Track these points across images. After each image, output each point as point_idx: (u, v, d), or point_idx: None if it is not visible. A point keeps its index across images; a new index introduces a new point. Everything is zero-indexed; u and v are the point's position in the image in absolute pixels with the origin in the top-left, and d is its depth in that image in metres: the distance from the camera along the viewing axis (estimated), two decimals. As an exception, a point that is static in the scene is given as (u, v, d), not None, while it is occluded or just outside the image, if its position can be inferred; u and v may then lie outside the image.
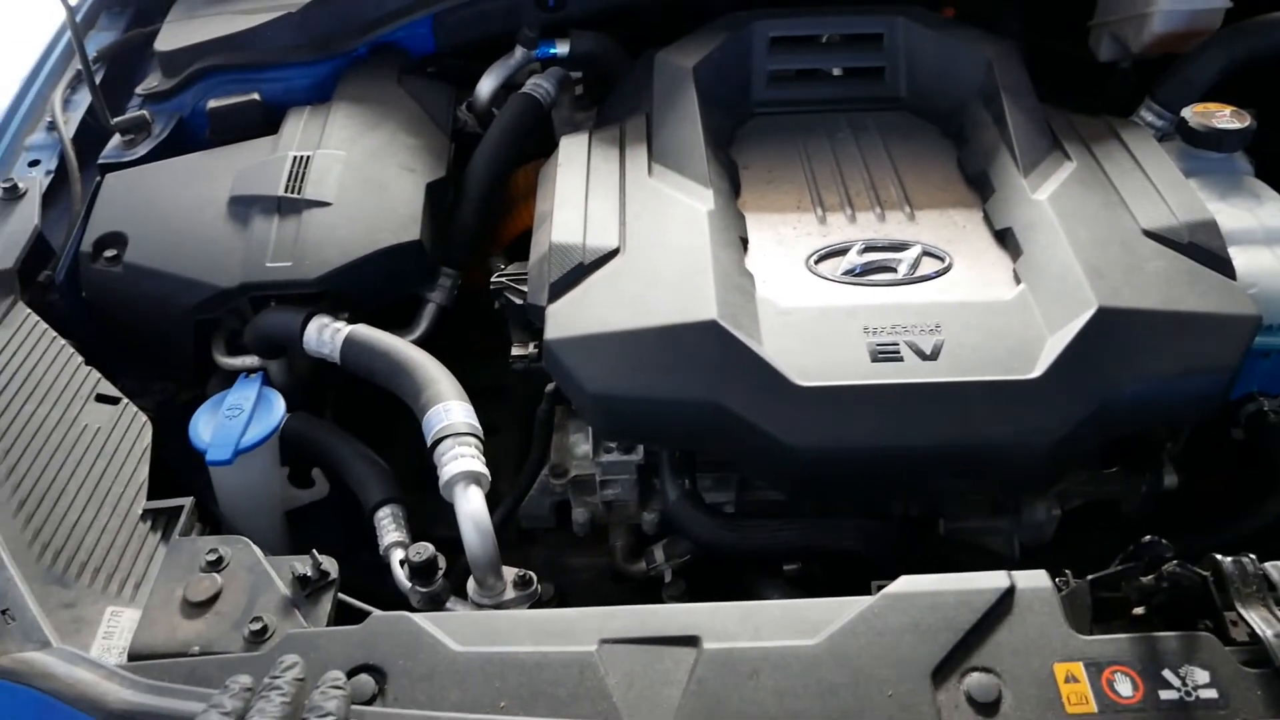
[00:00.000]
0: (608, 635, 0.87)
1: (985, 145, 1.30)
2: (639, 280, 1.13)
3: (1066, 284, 1.09)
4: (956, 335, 1.07)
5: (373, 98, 1.46)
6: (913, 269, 1.17)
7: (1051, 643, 0.84)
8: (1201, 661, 0.82)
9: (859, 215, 1.26)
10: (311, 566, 0.97)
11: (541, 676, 0.84)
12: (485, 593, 1.04)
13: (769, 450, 1.03)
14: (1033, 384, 1.02)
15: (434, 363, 1.17)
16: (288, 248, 1.25)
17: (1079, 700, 0.81)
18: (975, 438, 1.02)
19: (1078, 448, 1.05)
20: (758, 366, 1.04)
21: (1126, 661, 0.83)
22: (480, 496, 1.04)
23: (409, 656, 0.87)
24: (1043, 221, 1.17)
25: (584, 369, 1.07)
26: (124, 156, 1.42)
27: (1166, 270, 1.11)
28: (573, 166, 1.30)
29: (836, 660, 0.84)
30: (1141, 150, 1.28)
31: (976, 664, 0.83)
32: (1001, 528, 1.22)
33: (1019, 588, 0.87)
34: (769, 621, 0.87)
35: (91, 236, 1.29)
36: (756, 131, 1.43)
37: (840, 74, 1.48)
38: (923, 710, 0.80)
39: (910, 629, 0.85)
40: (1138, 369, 1.05)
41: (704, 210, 1.20)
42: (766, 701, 0.82)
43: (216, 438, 1.12)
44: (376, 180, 1.33)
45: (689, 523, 1.10)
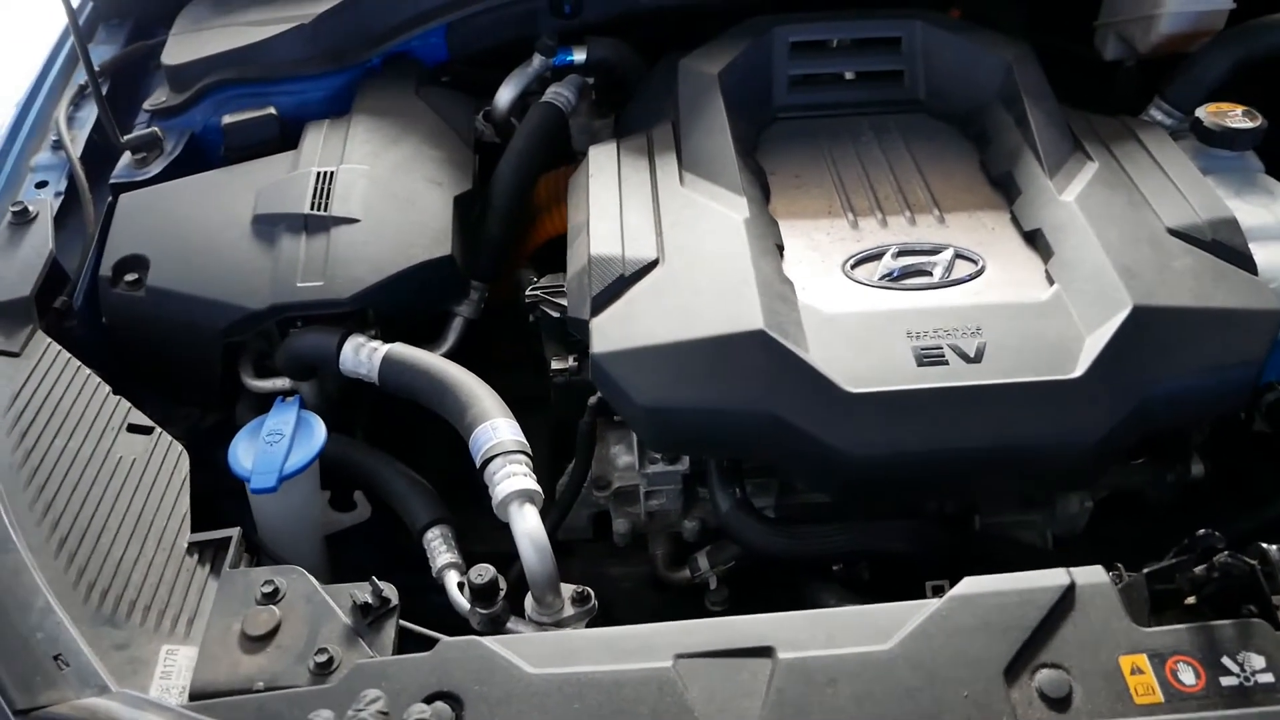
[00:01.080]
0: (682, 650, 0.88)
1: (1009, 147, 1.33)
2: (682, 291, 1.14)
3: (1100, 284, 1.12)
4: (998, 337, 1.09)
5: (392, 110, 1.45)
6: (948, 272, 1.19)
7: (1115, 636, 0.87)
8: (1257, 647, 0.85)
9: (890, 219, 1.27)
10: (372, 594, 0.96)
11: (621, 695, 0.85)
12: (545, 611, 1.04)
13: (822, 456, 1.04)
14: (1075, 383, 1.05)
15: (476, 380, 1.17)
16: (318, 267, 1.23)
17: (1145, 691, 0.83)
18: (1022, 438, 1.04)
19: (1120, 444, 1.08)
20: (808, 374, 1.05)
21: (1187, 651, 0.85)
22: (536, 515, 1.05)
23: (484, 681, 0.87)
24: (1072, 222, 1.19)
25: (633, 382, 1.08)
26: (137, 176, 1.39)
27: (1194, 267, 1.14)
28: (604, 177, 1.30)
29: (911, 664, 0.85)
30: (1160, 149, 1.30)
31: (1045, 660, 0.85)
32: (1035, 521, 1.25)
33: (1079, 584, 0.90)
34: (840, 629, 0.89)
35: (110, 260, 1.27)
36: (780, 137, 1.44)
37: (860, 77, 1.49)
38: (998, 708, 0.82)
39: (980, 629, 0.87)
40: (1173, 365, 1.07)
41: (739, 219, 1.21)
42: (847, 708, 0.83)
43: (259, 465, 1.10)
44: (404, 195, 1.32)
45: (743, 530, 1.12)
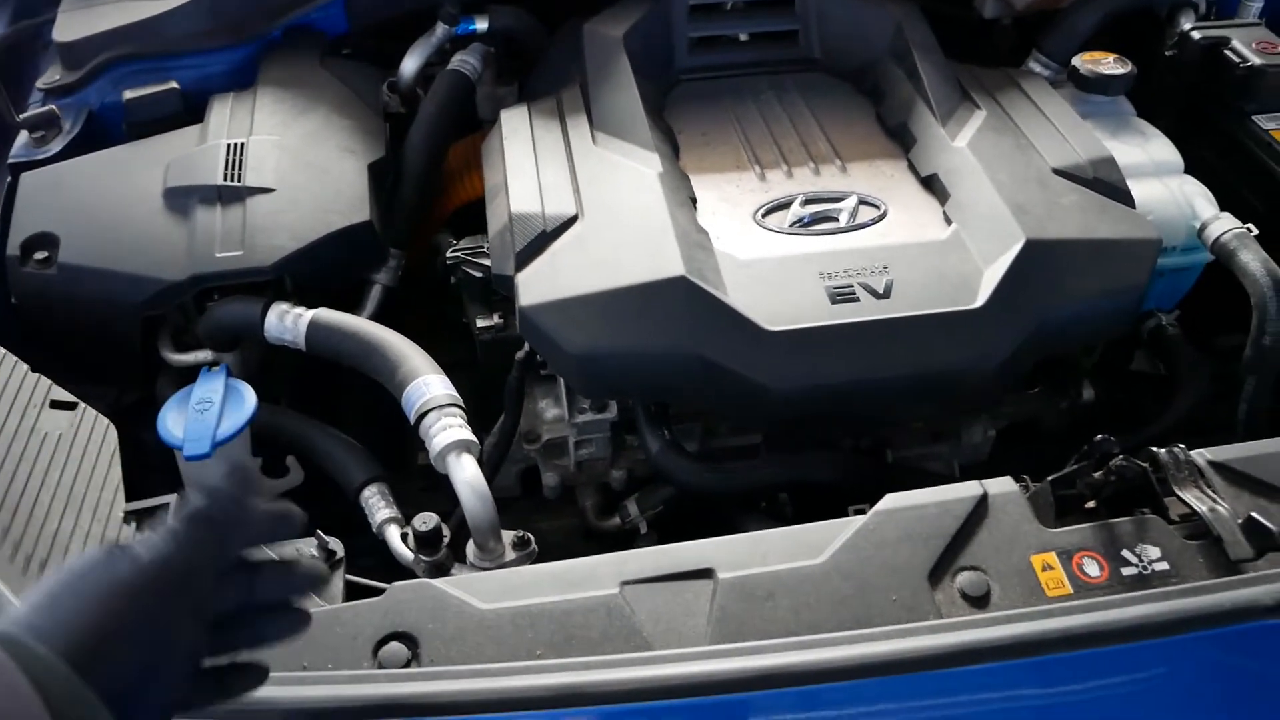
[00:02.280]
0: (627, 577, 0.91)
1: (902, 99, 1.40)
2: (603, 243, 1.17)
3: (995, 221, 1.19)
4: (904, 274, 1.16)
5: (297, 81, 1.44)
6: (853, 217, 1.25)
7: (1026, 538, 0.94)
8: (1153, 540, 0.93)
9: (795, 170, 1.33)
10: (319, 548, 0.98)
11: (571, 622, 0.88)
12: (486, 556, 1.07)
13: (748, 393, 1.09)
14: (977, 313, 1.12)
15: (404, 339, 1.18)
16: (236, 236, 1.22)
17: (1056, 585, 0.91)
18: (932, 365, 1.11)
19: (1019, 368, 1.16)
20: (729, 315, 1.10)
21: (1091, 547, 0.93)
22: (474, 463, 1.07)
23: (437, 620, 0.89)
24: (965, 166, 1.27)
25: (562, 332, 1.11)
26: (36, 154, 1.35)
27: (1079, 203, 1.23)
28: (518, 139, 1.32)
29: (842, 574, 0.91)
30: (1041, 97, 1.39)
31: (965, 564, 0.92)
32: (942, 452, 1.33)
33: (990, 494, 0.97)
34: (774, 548, 0.94)
35: (17, 239, 1.23)
36: (684, 98, 1.48)
37: (756, 38, 1.54)
38: (925, 609, 0.89)
39: (904, 539, 0.93)
40: (1065, 293, 1.16)
41: (653, 173, 1.25)
42: (786, 619, 0.88)
43: (191, 433, 1.10)
44: (318, 164, 1.32)
45: (675, 469, 1.16)
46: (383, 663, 0.87)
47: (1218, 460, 0.99)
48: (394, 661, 0.87)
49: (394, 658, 0.87)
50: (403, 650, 0.87)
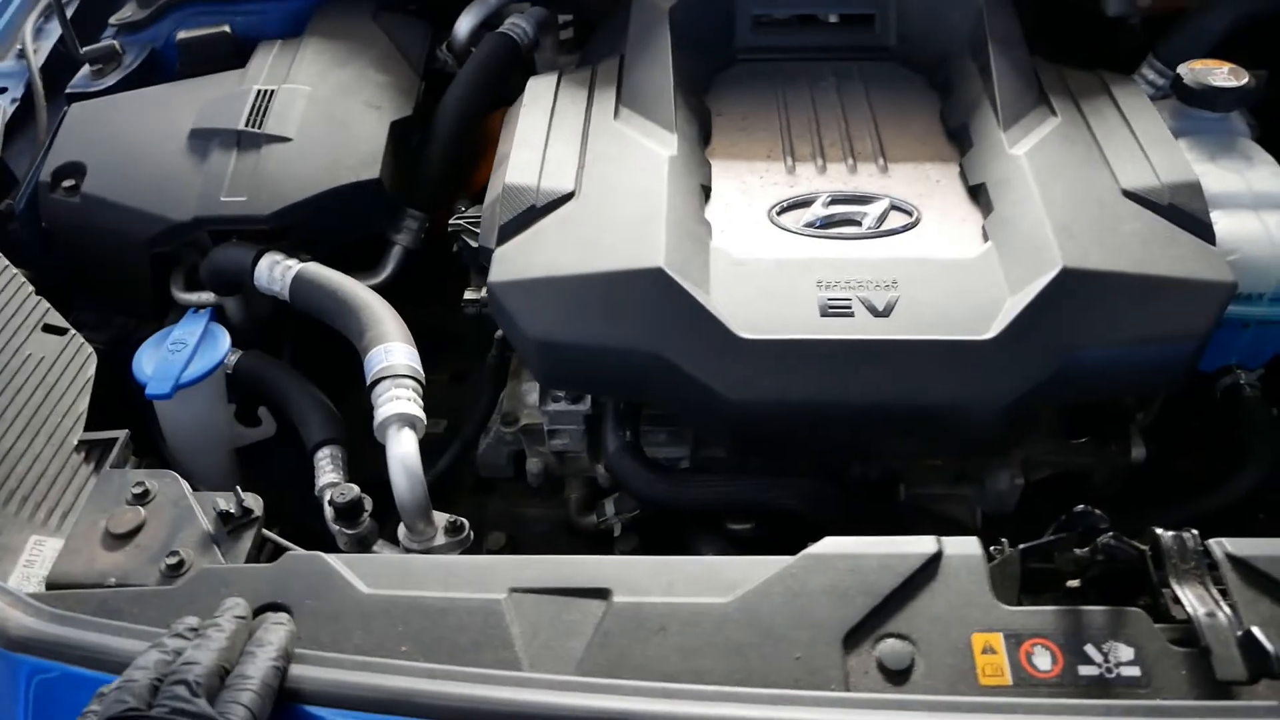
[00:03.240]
0: (518, 584, 0.85)
1: (969, 98, 1.25)
2: (590, 225, 1.10)
3: (1033, 243, 1.04)
4: (913, 292, 1.03)
5: (345, 34, 1.43)
6: (878, 223, 1.12)
7: (973, 612, 0.81)
8: (1127, 638, 0.78)
9: (830, 166, 1.21)
10: (235, 503, 0.96)
11: (445, 622, 0.83)
12: (415, 538, 1.02)
13: (708, 403, 1.00)
14: (986, 345, 0.98)
15: (383, 304, 1.15)
16: (244, 182, 1.23)
17: (994, 672, 0.77)
18: (921, 397, 0.98)
19: (1032, 412, 1.01)
20: (701, 317, 1.00)
21: (1049, 634, 0.79)
22: (413, 440, 1.02)
23: (317, 596, 0.86)
24: (1017, 177, 1.11)
25: (525, 313, 1.04)
26: (92, 87, 1.40)
27: (1141, 232, 1.06)
28: (536, 108, 1.26)
29: (747, 619, 0.81)
30: (1132, 107, 1.21)
31: (892, 630, 0.80)
32: (965, 495, 1.19)
33: (946, 554, 0.84)
34: (684, 578, 0.85)
35: (51, 166, 1.28)
36: (736, 78, 1.38)
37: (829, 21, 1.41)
38: (830, 674, 0.78)
39: (827, 591, 0.82)
40: (1100, 334, 1.00)
41: (665, 155, 1.16)
42: (670, 658, 0.79)
43: (158, 371, 1.11)
44: (340, 117, 1.31)
45: (624, 474, 1.08)
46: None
47: (1240, 554, 0.83)
48: (264, 633, 0.84)
49: (264, 629, 0.84)
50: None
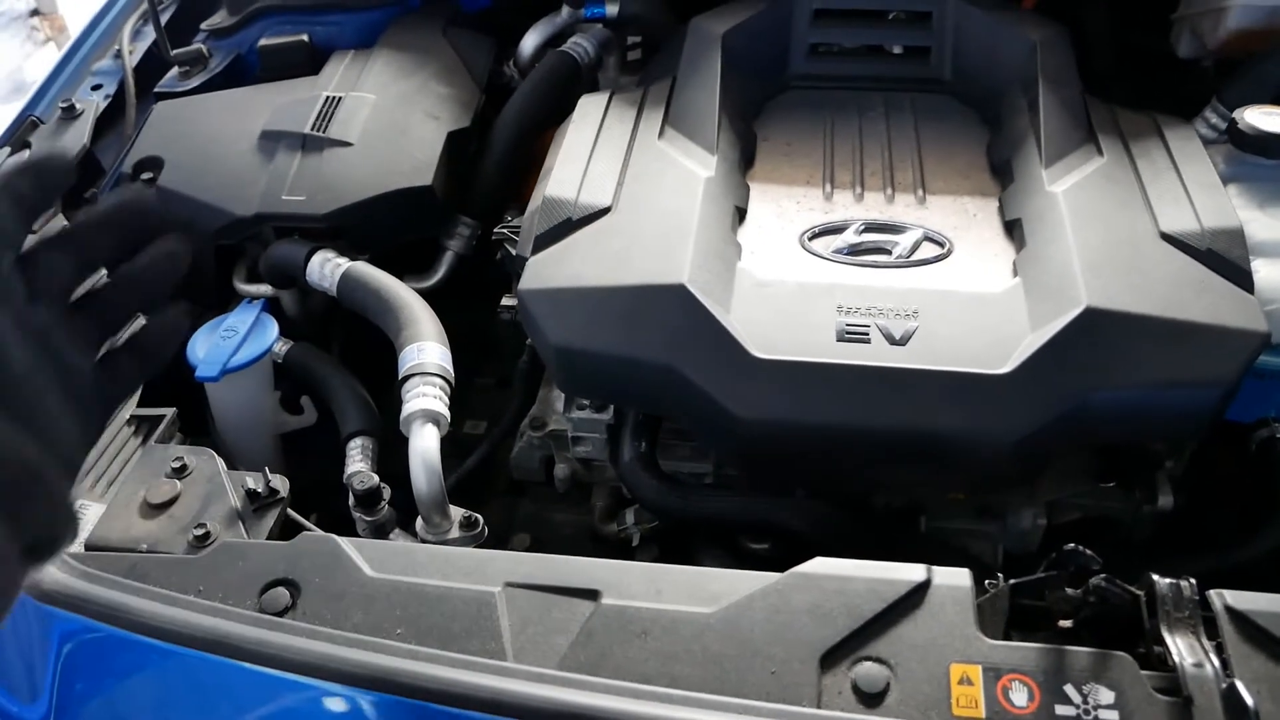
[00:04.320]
0: (513, 579, 0.88)
1: (1015, 133, 1.24)
2: (622, 239, 1.13)
3: (1061, 280, 1.03)
4: (932, 323, 1.03)
5: (414, 46, 1.50)
6: (909, 252, 1.13)
7: (955, 642, 0.81)
8: (1109, 681, 0.77)
9: (868, 195, 1.22)
10: (263, 483, 1.01)
11: (440, 609, 0.86)
12: (431, 530, 1.06)
13: (719, 419, 1.02)
14: (999, 379, 0.97)
15: (422, 305, 1.20)
16: (305, 183, 1.29)
17: (968, 703, 0.77)
18: (930, 427, 0.98)
19: (1044, 450, 1.00)
20: (717, 334, 1.02)
21: (1029, 671, 0.78)
22: (434, 435, 1.06)
23: (325, 575, 0.90)
24: (1051, 214, 1.11)
25: (549, 320, 1.08)
26: (178, 87, 1.50)
27: (1174, 275, 1.04)
28: (585, 124, 1.30)
29: (727, 630, 0.82)
30: (1182, 150, 1.19)
31: (870, 654, 0.81)
32: (987, 532, 1.18)
33: (934, 583, 0.84)
34: (673, 586, 0.87)
35: (133, 159, 1.37)
36: (787, 104, 1.40)
37: (885, 51, 1.42)
38: (804, 691, 0.79)
39: (809, 610, 0.83)
40: (1120, 375, 0.98)
41: (702, 176, 1.19)
42: (649, 661, 0.81)
43: (208, 356, 1.18)
44: (400, 125, 1.37)
45: (636, 484, 1.10)
46: (263, 605, 0.89)
47: (1239, 608, 0.81)
48: (272, 606, 0.88)
49: (273, 602, 0.89)
50: (284, 597, 0.89)
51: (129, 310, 0.60)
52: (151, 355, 0.61)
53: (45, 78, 1.50)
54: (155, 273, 0.60)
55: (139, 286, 0.60)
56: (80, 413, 0.55)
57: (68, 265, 0.57)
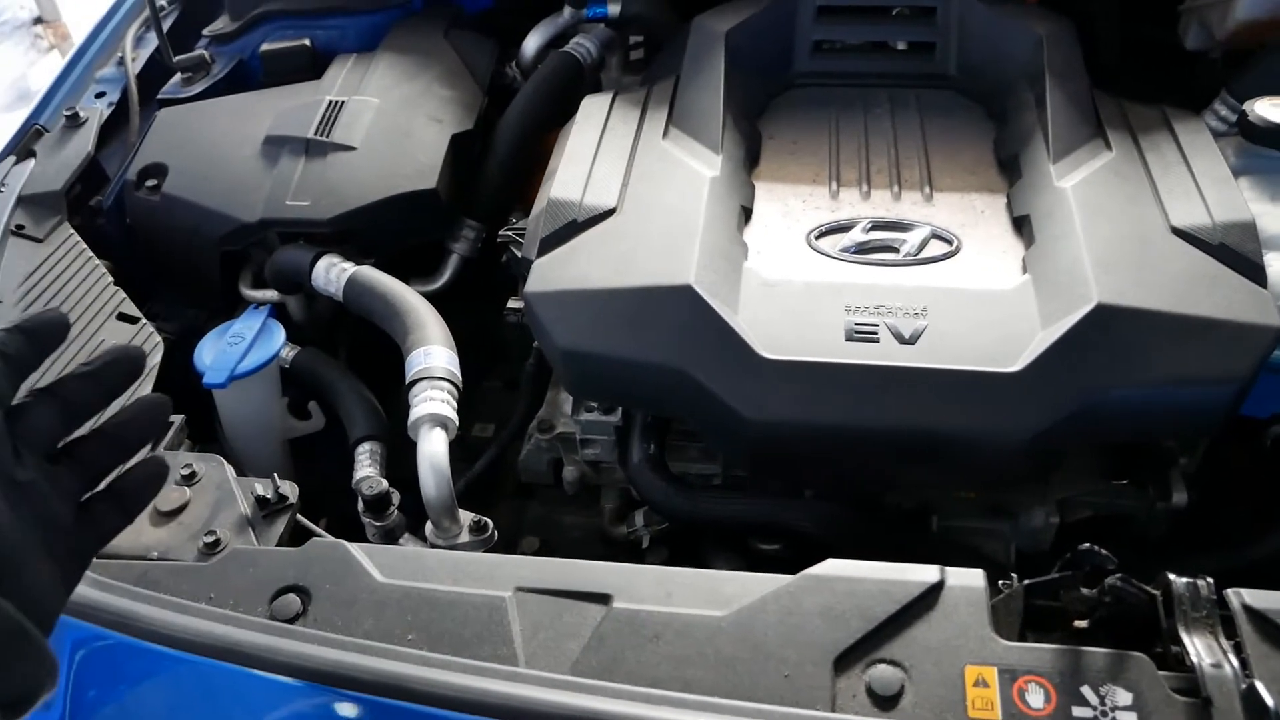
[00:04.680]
0: (524, 584, 0.88)
1: (1022, 128, 1.23)
2: (627, 240, 1.12)
3: (1071, 277, 1.03)
4: (941, 322, 1.02)
5: (416, 49, 1.49)
6: (917, 250, 1.12)
7: (969, 644, 0.80)
8: (1126, 682, 0.77)
9: (874, 193, 1.21)
10: (272, 489, 1.01)
11: (451, 615, 0.86)
12: (440, 534, 1.06)
13: (728, 421, 1.01)
14: (1009, 378, 0.97)
15: (429, 309, 1.19)
16: (309, 188, 1.29)
17: (984, 705, 0.77)
18: (940, 426, 0.97)
19: (1055, 449, 0.99)
20: (725, 335, 1.02)
21: (1045, 673, 0.78)
22: (443, 440, 1.06)
23: (335, 582, 0.90)
24: (1060, 210, 1.10)
25: (556, 323, 1.07)
26: (181, 93, 1.50)
27: (1186, 271, 1.03)
28: (588, 125, 1.29)
29: (740, 634, 0.82)
30: (1192, 143, 1.18)
31: (885, 656, 0.80)
32: (999, 531, 1.17)
33: (948, 584, 0.83)
34: (684, 589, 0.86)
35: (137, 166, 1.37)
36: (792, 102, 1.39)
37: (889, 48, 1.42)
38: (818, 694, 0.78)
39: (822, 612, 0.82)
40: (1133, 372, 0.97)
41: (707, 176, 1.18)
42: (661, 665, 0.81)
43: (215, 362, 1.17)
44: (403, 128, 1.36)
45: (644, 486, 1.10)
46: (274, 612, 0.89)
47: (1257, 607, 0.80)
48: (283, 613, 0.88)
49: (284, 609, 0.88)
50: (294, 604, 0.89)
51: (112, 463, 0.63)
52: (131, 503, 0.64)
53: (49, 86, 1.50)
54: (139, 427, 0.64)
55: (123, 441, 0.63)
56: (59, 563, 0.57)
57: (55, 419, 0.60)
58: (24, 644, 0.51)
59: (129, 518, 0.64)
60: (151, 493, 0.65)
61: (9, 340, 0.59)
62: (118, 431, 0.63)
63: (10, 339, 0.59)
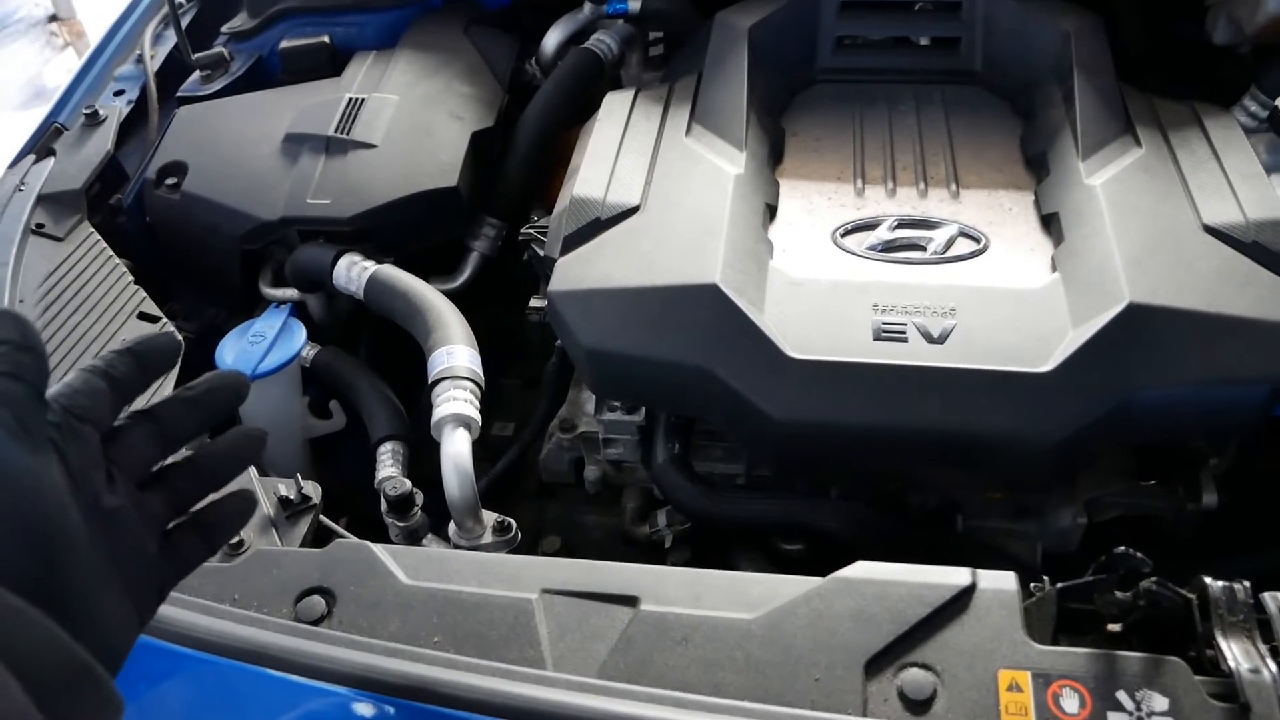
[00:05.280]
0: (550, 585, 0.87)
1: (1050, 125, 1.22)
2: (651, 239, 1.11)
3: (1102, 276, 1.02)
4: (971, 321, 1.01)
5: (436, 45, 1.49)
6: (944, 249, 1.11)
7: (1002, 647, 0.79)
8: (1163, 687, 0.75)
9: (900, 190, 1.20)
10: (295, 490, 1.01)
11: (478, 617, 0.85)
12: (463, 535, 1.05)
13: (754, 420, 1.00)
14: (1041, 378, 0.96)
15: (450, 308, 1.19)
16: (329, 186, 1.29)
17: (1017, 710, 0.76)
18: (969, 427, 0.96)
19: (1086, 450, 0.98)
20: (751, 335, 1.01)
21: (1079, 677, 0.77)
22: (466, 440, 1.05)
23: (360, 583, 0.89)
24: (1090, 208, 1.08)
25: (580, 323, 1.07)
26: (200, 91, 1.49)
27: (1219, 269, 1.02)
28: (610, 122, 1.29)
29: (770, 637, 0.81)
30: (1223, 140, 1.17)
31: (917, 660, 0.79)
32: (1026, 531, 1.16)
33: (980, 587, 0.82)
34: (712, 591, 0.85)
35: (157, 164, 1.36)
36: (815, 99, 1.38)
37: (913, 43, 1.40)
38: (848, 699, 0.77)
39: (853, 615, 0.81)
40: (1165, 373, 0.96)
41: (731, 173, 1.17)
42: (691, 669, 0.80)
43: (237, 361, 1.17)
44: (423, 126, 1.36)
45: (669, 486, 1.09)
46: (299, 614, 0.88)
47: (1299, 611, 0.79)
48: (308, 614, 0.88)
49: (309, 611, 0.88)
50: (319, 605, 0.88)
51: (202, 493, 0.62)
52: (216, 535, 0.63)
53: (68, 84, 1.50)
54: (232, 459, 0.63)
55: (215, 473, 0.62)
56: (135, 597, 0.56)
57: (152, 444, 0.59)
58: (90, 685, 0.49)
59: (212, 551, 0.63)
60: (238, 527, 0.64)
61: (118, 362, 0.58)
62: (211, 463, 0.62)
63: (120, 361, 0.58)
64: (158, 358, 0.61)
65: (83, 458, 0.54)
